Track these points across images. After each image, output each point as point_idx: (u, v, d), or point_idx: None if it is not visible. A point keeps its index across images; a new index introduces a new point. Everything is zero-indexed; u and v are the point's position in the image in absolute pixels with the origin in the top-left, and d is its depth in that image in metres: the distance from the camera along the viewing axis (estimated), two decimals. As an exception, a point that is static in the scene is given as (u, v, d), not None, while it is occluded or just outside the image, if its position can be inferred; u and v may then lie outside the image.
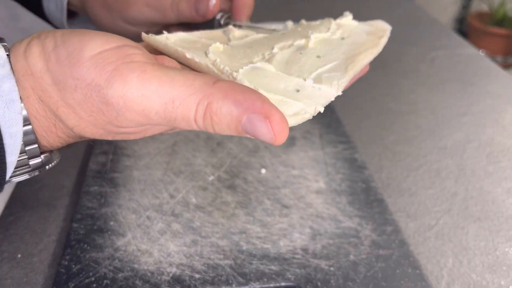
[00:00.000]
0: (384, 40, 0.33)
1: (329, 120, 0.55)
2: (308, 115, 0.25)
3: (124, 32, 0.39)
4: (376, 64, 0.75)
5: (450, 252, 0.40)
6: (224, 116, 0.22)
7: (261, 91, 0.24)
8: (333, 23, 0.33)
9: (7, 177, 0.24)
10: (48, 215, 0.43)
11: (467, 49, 0.82)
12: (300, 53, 0.29)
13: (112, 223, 0.40)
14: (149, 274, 0.35)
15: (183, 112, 0.22)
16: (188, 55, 0.26)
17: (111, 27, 0.41)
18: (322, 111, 0.25)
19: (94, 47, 0.23)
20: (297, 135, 0.52)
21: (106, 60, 0.22)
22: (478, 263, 0.39)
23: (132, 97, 0.22)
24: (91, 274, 0.35)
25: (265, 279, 0.35)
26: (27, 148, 0.24)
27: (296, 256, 0.37)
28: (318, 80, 0.27)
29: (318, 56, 0.29)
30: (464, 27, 2.52)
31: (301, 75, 0.27)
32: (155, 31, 0.38)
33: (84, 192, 0.43)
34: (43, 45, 0.24)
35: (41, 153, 0.25)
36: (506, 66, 2.36)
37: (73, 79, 0.22)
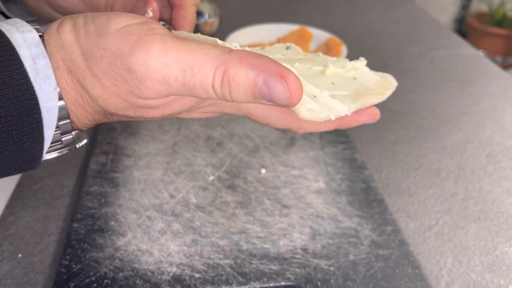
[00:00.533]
0: (389, 92, 0.35)
1: None
2: (322, 116, 0.27)
3: (50, 18, 0.40)
4: (376, 64, 0.75)
5: (449, 252, 0.40)
6: (242, 80, 0.23)
7: None
8: (349, 63, 0.35)
9: (44, 152, 0.25)
10: (48, 215, 0.43)
11: (467, 49, 0.82)
12: (317, 76, 0.32)
13: (112, 223, 0.40)
14: (149, 273, 0.35)
15: (201, 79, 0.23)
16: (219, 42, 0.26)
17: (37, 11, 0.41)
18: (333, 119, 0.27)
19: (120, 22, 0.24)
20: (297, 135, 0.52)
21: (131, 31, 0.24)
22: (478, 263, 0.39)
23: (154, 64, 0.23)
24: (91, 273, 0.35)
25: (265, 279, 0.35)
26: (60, 123, 0.25)
27: (296, 256, 0.37)
28: (332, 96, 0.29)
29: (333, 83, 0.32)
30: (464, 27, 2.52)
31: (318, 88, 0.29)
32: None
33: (85, 192, 0.43)
34: (74, 22, 0.25)
35: (72, 130, 0.27)
36: (505, 66, 2.37)
37: (99, 49, 0.24)
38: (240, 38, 0.76)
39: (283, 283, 0.35)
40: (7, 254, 0.38)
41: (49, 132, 0.25)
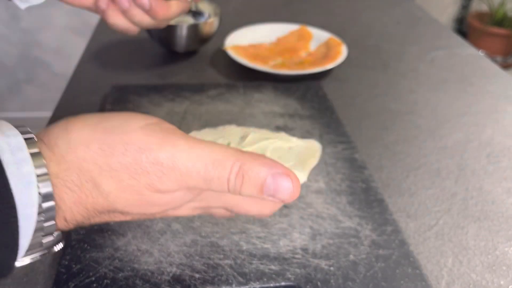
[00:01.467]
0: (318, 154, 0.44)
1: (329, 120, 0.55)
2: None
3: None
4: (376, 64, 0.75)
5: (450, 252, 0.40)
6: (254, 175, 0.27)
7: None
8: (284, 136, 0.43)
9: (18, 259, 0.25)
10: (48, 215, 0.43)
11: (467, 49, 0.82)
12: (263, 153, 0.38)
13: (112, 222, 0.40)
14: (149, 273, 0.35)
15: (220, 172, 0.26)
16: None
17: None
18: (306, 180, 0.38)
19: (139, 121, 0.27)
20: (297, 135, 0.52)
21: (154, 129, 0.27)
22: (478, 263, 0.39)
23: (180, 157, 0.26)
24: (91, 274, 0.35)
25: (265, 279, 0.35)
26: (45, 224, 0.25)
27: (296, 256, 0.37)
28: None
29: (279, 157, 0.38)
30: (464, 27, 2.52)
31: None
32: None
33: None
34: (84, 121, 0.27)
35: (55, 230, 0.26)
36: (505, 66, 2.36)
37: (123, 144, 0.26)
38: (240, 38, 0.76)
39: (283, 283, 0.35)
40: (6, 254, 0.38)
41: (24, 240, 0.24)
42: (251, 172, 0.27)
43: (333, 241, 0.39)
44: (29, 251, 0.25)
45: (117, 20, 0.44)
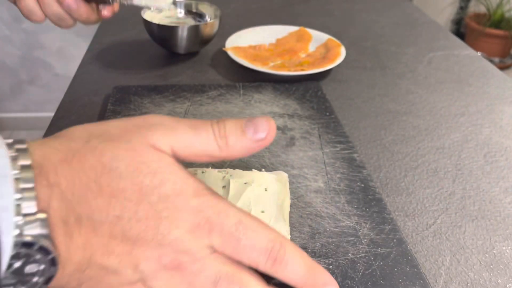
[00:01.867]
0: (287, 186, 0.43)
1: (328, 121, 0.56)
2: None
3: None
4: (374, 65, 0.75)
5: (447, 250, 0.41)
6: (233, 123, 0.29)
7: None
8: (256, 177, 0.44)
9: None
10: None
11: (465, 50, 0.83)
12: (247, 207, 0.39)
13: None
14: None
15: (204, 127, 0.29)
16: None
17: None
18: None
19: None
20: (296, 135, 0.53)
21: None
22: (476, 262, 0.40)
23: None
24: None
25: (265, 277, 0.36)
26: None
27: None
28: (274, 225, 0.38)
29: (262, 211, 0.39)
30: (462, 28, 2.53)
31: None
32: None
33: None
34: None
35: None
36: (503, 67, 2.37)
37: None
38: (240, 39, 0.77)
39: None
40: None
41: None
42: (228, 123, 0.28)
43: (332, 240, 0.39)
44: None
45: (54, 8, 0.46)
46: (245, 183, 0.41)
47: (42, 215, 0.22)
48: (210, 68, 0.72)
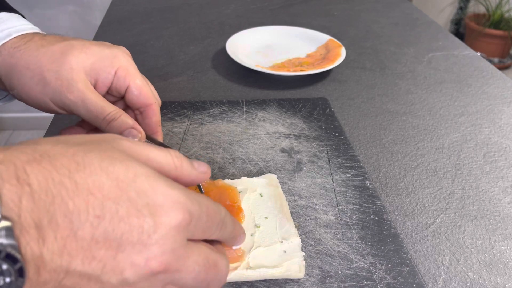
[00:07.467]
0: (280, 187, 0.44)
1: (338, 142, 0.53)
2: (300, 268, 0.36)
3: (44, 107, 0.41)
4: (374, 65, 0.75)
5: (447, 250, 0.41)
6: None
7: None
8: (249, 182, 0.44)
9: None
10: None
11: (464, 50, 0.83)
12: (256, 227, 0.40)
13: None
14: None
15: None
16: None
17: (36, 103, 0.41)
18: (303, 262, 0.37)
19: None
20: (304, 159, 0.50)
21: None
22: (475, 261, 0.40)
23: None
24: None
25: None
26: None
27: None
28: (285, 236, 0.38)
29: (266, 218, 0.40)
30: (461, 29, 2.53)
31: (276, 240, 0.38)
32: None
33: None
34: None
35: None
36: (502, 67, 2.38)
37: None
38: (240, 40, 0.77)
39: None
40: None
41: None
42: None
43: (344, 285, 0.35)
44: None
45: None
46: (240, 192, 0.42)
47: (6, 223, 0.19)
48: (210, 68, 0.73)
